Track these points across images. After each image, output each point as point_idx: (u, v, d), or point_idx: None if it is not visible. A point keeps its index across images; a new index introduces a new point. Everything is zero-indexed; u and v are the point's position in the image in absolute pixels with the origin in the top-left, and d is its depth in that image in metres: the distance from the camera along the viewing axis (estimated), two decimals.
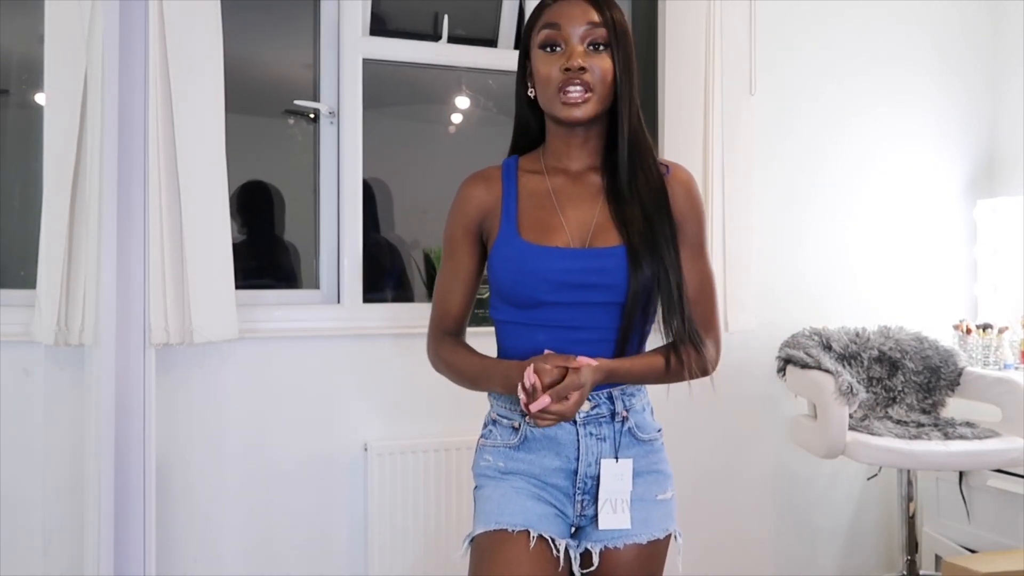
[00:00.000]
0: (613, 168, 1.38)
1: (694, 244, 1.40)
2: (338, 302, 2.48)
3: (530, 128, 1.46)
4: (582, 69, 1.31)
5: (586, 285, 1.32)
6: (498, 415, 1.42)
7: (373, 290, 2.60)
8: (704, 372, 1.38)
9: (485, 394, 1.46)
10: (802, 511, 2.96)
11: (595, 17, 1.33)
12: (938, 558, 2.81)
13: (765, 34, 2.83)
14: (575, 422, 1.36)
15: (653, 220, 1.34)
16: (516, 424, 1.39)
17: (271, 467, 2.36)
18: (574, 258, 1.33)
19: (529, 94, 1.41)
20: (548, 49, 1.35)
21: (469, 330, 1.51)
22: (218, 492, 2.31)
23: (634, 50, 1.37)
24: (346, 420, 2.42)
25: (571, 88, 1.31)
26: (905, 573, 2.70)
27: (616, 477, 1.35)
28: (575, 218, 1.37)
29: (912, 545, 2.70)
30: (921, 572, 2.73)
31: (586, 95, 1.32)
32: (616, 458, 1.36)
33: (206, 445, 2.29)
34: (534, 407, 1.22)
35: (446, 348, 1.44)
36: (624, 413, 1.38)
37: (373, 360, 2.45)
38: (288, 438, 2.37)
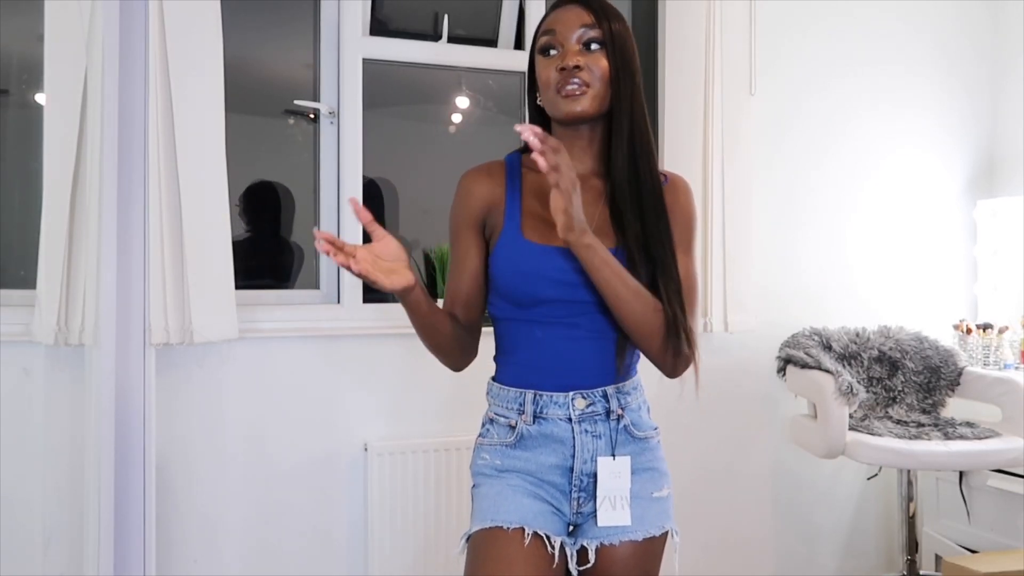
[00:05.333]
0: (613, 170, 1.40)
1: (680, 242, 1.41)
2: (338, 302, 2.48)
3: None
4: (577, 67, 1.34)
5: (583, 284, 1.34)
6: (495, 414, 1.43)
7: (376, 290, 2.60)
8: (679, 362, 1.35)
9: (484, 393, 1.46)
10: (802, 511, 2.96)
11: (588, 19, 1.36)
12: (938, 558, 2.81)
13: (765, 34, 2.83)
14: (570, 419, 1.36)
15: (649, 223, 1.36)
16: (513, 423, 1.39)
17: (271, 467, 2.36)
18: (572, 257, 1.34)
19: (538, 102, 1.44)
20: (546, 54, 1.38)
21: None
22: (218, 492, 2.31)
23: (635, 55, 1.39)
24: (346, 420, 2.42)
25: (568, 85, 1.34)
26: (905, 573, 2.70)
27: (613, 475, 1.36)
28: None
29: (912, 545, 2.70)
30: (921, 572, 2.73)
31: (584, 90, 1.35)
32: (613, 455, 1.37)
33: (206, 445, 2.29)
34: None
35: None
36: (619, 411, 1.39)
37: (373, 360, 2.45)
38: (288, 438, 2.37)
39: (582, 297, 1.35)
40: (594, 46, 1.36)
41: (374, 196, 2.53)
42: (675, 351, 1.33)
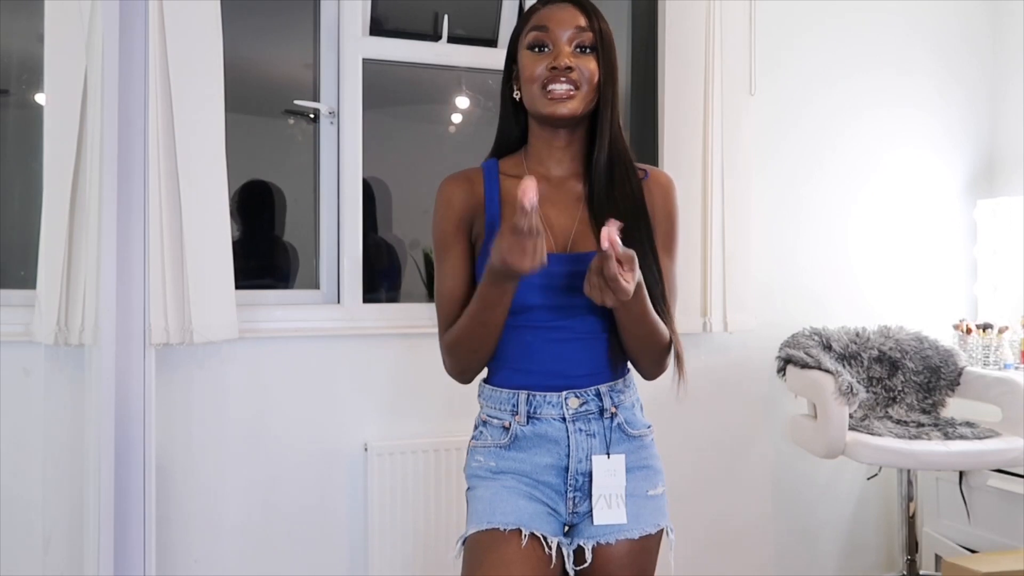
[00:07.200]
0: (593, 174, 1.40)
1: (662, 245, 1.42)
2: (338, 302, 2.48)
3: (512, 132, 1.47)
4: (569, 68, 1.34)
5: (568, 289, 1.34)
6: (488, 416, 1.43)
7: (373, 290, 2.60)
8: (659, 370, 1.41)
9: (476, 396, 1.47)
10: (802, 511, 2.96)
11: (583, 22, 1.37)
12: (938, 558, 2.81)
13: (765, 34, 2.83)
14: (564, 419, 1.36)
15: (629, 226, 1.34)
16: (506, 424, 1.39)
17: (271, 467, 2.36)
18: (556, 263, 1.34)
19: (515, 96, 1.43)
20: (536, 50, 1.37)
21: None
22: (218, 492, 2.31)
23: (617, 60, 1.40)
24: (346, 420, 2.42)
25: (557, 85, 1.34)
26: (905, 573, 2.70)
27: (608, 473, 1.37)
28: (556, 224, 1.39)
29: (912, 545, 2.70)
30: (921, 572, 2.73)
31: (572, 92, 1.35)
32: (608, 454, 1.37)
33: (206, 445, 2.29)
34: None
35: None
36: (613, 409, 1.39)
37: (373, 360, 2.45)
38: (288, 438, 2.37)
39: (569, 301, 1.35)
40: (587, 50, 1.36)
41: (367, 196, 2.53)
42: (660, 362, 1.39)
